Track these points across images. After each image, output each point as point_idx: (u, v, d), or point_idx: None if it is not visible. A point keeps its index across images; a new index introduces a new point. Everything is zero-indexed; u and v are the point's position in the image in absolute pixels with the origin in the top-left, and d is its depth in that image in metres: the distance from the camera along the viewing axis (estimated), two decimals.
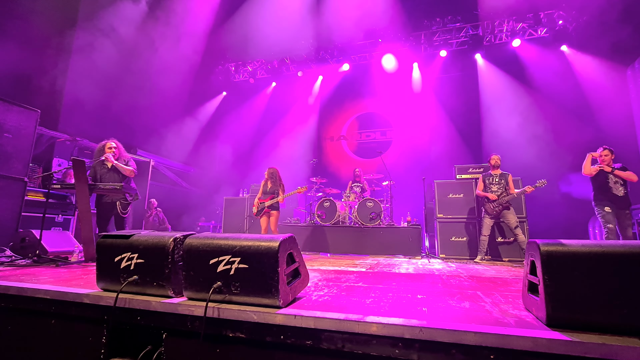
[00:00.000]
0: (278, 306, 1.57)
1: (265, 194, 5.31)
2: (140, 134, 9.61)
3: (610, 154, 4.42)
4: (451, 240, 5.62)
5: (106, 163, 4.08)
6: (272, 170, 5.45)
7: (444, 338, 1.30)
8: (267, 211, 5.22)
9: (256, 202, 5.36)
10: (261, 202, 5.29)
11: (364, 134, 10.60)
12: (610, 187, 4.28)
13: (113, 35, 8.70)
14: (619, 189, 4.26)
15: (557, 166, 7.45)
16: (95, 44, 8.31)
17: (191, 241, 1.76)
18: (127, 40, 9.16)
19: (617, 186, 4.28)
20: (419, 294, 2.09)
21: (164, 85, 10.33)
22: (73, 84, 7.57)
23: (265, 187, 5.36)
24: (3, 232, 4.26)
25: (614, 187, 4.27)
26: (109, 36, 8.62)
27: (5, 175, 4.39)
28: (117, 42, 8.81)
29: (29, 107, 4.85)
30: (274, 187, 5.31)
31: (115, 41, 8.76)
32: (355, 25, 9.61)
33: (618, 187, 4.28)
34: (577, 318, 1.33)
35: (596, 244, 1.40)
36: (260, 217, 5.31)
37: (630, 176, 4.23)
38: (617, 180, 4.29)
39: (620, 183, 4.28)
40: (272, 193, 5.27)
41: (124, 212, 4.10)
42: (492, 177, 5.03)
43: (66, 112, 7.43)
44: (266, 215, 5.26)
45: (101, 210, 4.10)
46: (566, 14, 7.89)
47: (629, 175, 4.24)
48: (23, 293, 1.98)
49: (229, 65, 11.38)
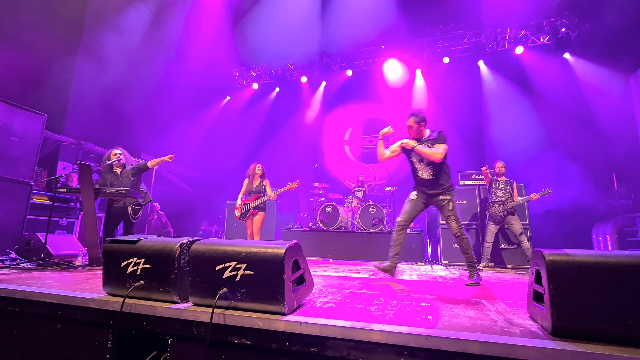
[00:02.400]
0: (283, 313, 1.58)
1: (250, 193, 4.82)
2: (144, 138, 9.67)
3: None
4: (454, 247, 5.60)
5: (114, 170, 4.15)
6: (257, 166, 4.95)
7: (449, 347, 1.31)
8: (252, 212, 4.74)
9: (239, 203, 4.81)
10: (245, 202, 4.78)
11: (367, 139, 10.63)
12: (416, 168, 3.29)
13: (118, 41, 8.81)
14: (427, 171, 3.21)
15: (560, 173, 7.44)
16: (101, 48, 8.41)
17: (197, 247, 1.77)
18: (132, 46, 9.26)
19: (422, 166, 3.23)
20: (423, 302, 2.09)
21: (168, 89, 10.42)
22: (79, 88, 7.65)
23: (250, 185, 4.87)
24: (9, 235, 4.30)
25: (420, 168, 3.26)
26: (114, 41, 8.73)
27: (12, 179, 4.44)
28: (122, 47, 8.91)
29: (36, 112, 4.91)
30: (260, 186, 4.84)
31: (120, 46, 8.86)
32: (359, 32, 9.69)
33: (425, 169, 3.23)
34: (583, 328, 1.33)
35: (601, 253, 1.40)
36: (245, 220, 4.83)
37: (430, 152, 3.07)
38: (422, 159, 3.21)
39: (425, 162, 3.19)
40: (258, 192, 4.79)
41: (135, 217, 4.13)
42: (498, 183, 5.04)
43: (72, 116, 7.50)
44: (251, 217, 4.78)
45: (111, 215, 4.11)
46: (568, 21, 7.93)
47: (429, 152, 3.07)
48: (29, 297, 1.99)
49: (233, 70, 11.48)
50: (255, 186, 4.83)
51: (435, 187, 3.14)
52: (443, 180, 3.13)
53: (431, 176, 3.14)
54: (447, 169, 3.17)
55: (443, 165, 3.13)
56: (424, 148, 3.08)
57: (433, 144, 3.07)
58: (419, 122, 3.16)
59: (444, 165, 3.14)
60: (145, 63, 9.68)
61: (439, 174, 3.12)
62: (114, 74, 8.81)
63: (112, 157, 4.13)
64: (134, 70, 9.38)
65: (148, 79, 9.79)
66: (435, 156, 3.01)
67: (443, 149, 3.02)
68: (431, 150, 3.03)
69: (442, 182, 3.13)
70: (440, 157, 3.00)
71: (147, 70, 9.78)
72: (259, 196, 4.76)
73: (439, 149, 3.01)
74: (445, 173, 3.15)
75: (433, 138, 3.11)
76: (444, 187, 3.12)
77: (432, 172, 3.14)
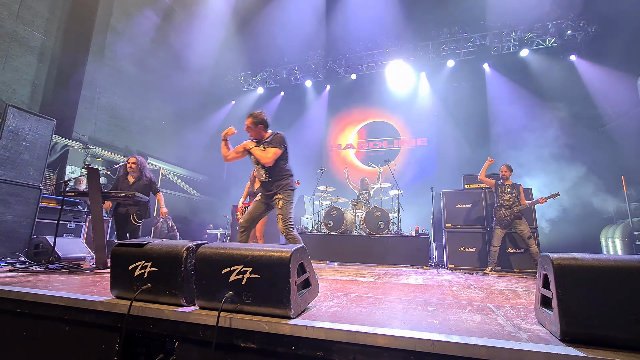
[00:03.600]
0: (289, 316, 1.58)
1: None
2: (151, 142, 9.78)
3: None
4: (460, 251, 5.57)
5: (128, 178, 4.39)
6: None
7: (456, 352, 1.29)
8: None
9: (240, 206, 4.81)
10: (246, 206, 4.76)
11: (372, 142, 10.62)
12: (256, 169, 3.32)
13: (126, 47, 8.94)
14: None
15: (568, 176, 7.36)
16: (109, 54, 8.55)
17: (204, 250, 1.78)
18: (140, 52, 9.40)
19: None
20: (429, 306, 2.08)
21: (174, 94, 10.54)
22: (87, 93, 7.77)
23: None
24: (18, 238, 4.36)
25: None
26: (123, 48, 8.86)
27: (22, 183, 4.51)
28: (130, 53, 9.05)
29: (46, 117, 5.00)
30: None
31: (128, 52, 9.00)
32: (363, 36, 9.73)
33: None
34: (593, 334, 1.31)
35: (610, 258, 1.38)
36: None
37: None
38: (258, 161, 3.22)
39: (261, 164, 3.19)
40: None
41: (138, 222, 4.28)
42: (504, 187, 4.99)
43: (80, 121, 7.61)
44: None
45: (117, 220, 4.30)
46: (575, 24, 7.89)
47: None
48: (39, 300, 2.02)
49: (238, 74, 11.57)
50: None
51: (270, 187, 3.17)
52: (278, 180, 3.15)
53: (266, 178, 3.17)
54: (283, 171, 3.18)
55: (276, 168, 3.14)
56: (256, 150, 3.12)
57: (267, 146, 3.11)
58: (257, 124, 3.15)
59: (278, 167, 3.15)
60: (152, 68, 9.81)
61: (273, 175, 3.15)
62: (122, 80, 8.94)
63: (128, 165, 4.35)
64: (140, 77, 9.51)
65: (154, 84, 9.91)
66: (263, 160, 3.06)
67: (273, 152, 3.04)
68: (262, 153, 3.08)
69: (277, 182, 3.15)
70: (269, 160, 3.04)
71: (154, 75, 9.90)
72: None
73: (268, 153, 3.05)
74: (280, 174, 3.15)
75: (269, 140, 3.15)
76: (278, 187, 3.14)
77: (266, 174, 3.16)
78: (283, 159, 3.15)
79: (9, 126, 4.41)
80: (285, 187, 3.14)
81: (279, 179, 3.14)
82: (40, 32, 7.24)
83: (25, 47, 6.95)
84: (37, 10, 7.17)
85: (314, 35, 10.05)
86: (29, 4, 6.99)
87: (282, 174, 3.15)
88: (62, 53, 7.62)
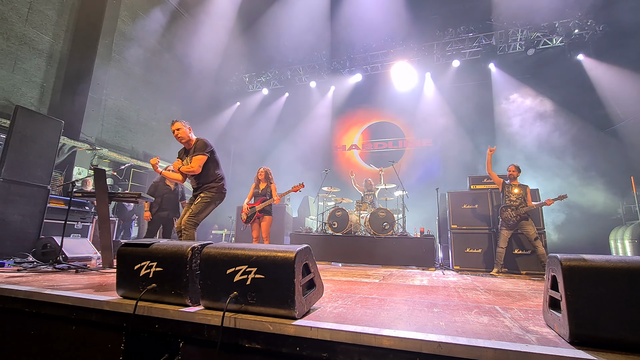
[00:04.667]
0: (294, 317, 1.58)
1: (256, 196, 4.82)
2: (157, 143, 9.85)
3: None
4: (466, 252, 5.52)
5: (168, 184, 5.08)
6: (265, 169, 4.95)
7: (462, 354, 1.28)
8: (258, 216, 4.71)
9: (245, 207, 4.81)
10: (251, 206, 4.75)
11: (376, 143, 10.59)
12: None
13: (133, 50, 9.03)
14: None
15: (576, 177, 7.27)
16: (116, 56, 8.64)
17: (209, 250, 1.78)
18: (146, 55, 9.48)
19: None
20: (435, 308, 2.06)
21: (180, 95, 10.62)
22: (94, 95, 7.86)
23: (257, 189, 4.89)
24: (26, 238, 4.42)
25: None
26: (129, 50, 8.95)
27: (30, 183, 4.57)
28: (136, 55, 9.14)
29: (54, 118, 5.06)
30: (266, 189, 4.81)
31: (135, 55, 9.08)
32: (368, 36, 9.72)
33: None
34: (602, 336, 1.29)
35: (620, 259, 1.36)
36: (251, 223, 4.80)
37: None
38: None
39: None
40: (264, 195, 4.76)
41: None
42: (511, 187, 4.94)
43: (87, 122, 7.70)
44: (257, 221, 4.76)
45: (159, 223, 5.05)
46: (582, 23, 7.79)
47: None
48: (46, 299, 2.04)
49: (243, 75, 11.62)
50: (261, 190, 4.85)
51: (197, 190, 3.36)
52: (204, 182, 3.31)
53: (196, 184, 3.36)
54: (212, 176, 3.32)
55: (206, 173, 3.31)
56: (184, 168, 3.30)
57: (192, 156, 3.27)
58: (181, 129, 3.35)
59: (207, 172, 3.31)
60: (158, 70, 9.90)
61: (202, 180, 3.33)
62: (128, 82, 9.03)
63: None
64: (146, 78, 9.59)
65: (160, 86, 9.99)
66: (190, 172, 3.26)
67: (196, 160, 3.21)
68: (188, 168, 3.25)
69: (205, 185, 3.31)
70: (195, 169, 3.21)
71: (160, 77, 9.99)
72: (264, 199, 4.75)
73: (193, 163, 3.22)
74: (208, 179, 3.31)
75: (192, 150, 3.32)
76: (204, 188, 3.30)
77: (196, 181, 3.36)
78: (212, 162, 3.32)
79: (18, 127, 4.47)
80: (210, 188, 3.30)
81: (208, 182, 3.31)
82: (49, 35, 7.35)
83: (34, 50, 7.05)
84: (46, 13, 7.27)
85: (319, 36, 10.06)
86: (38, 8, 7.10)
87: (210, 179, 3.32)
88: (70, 56, 7.73)
